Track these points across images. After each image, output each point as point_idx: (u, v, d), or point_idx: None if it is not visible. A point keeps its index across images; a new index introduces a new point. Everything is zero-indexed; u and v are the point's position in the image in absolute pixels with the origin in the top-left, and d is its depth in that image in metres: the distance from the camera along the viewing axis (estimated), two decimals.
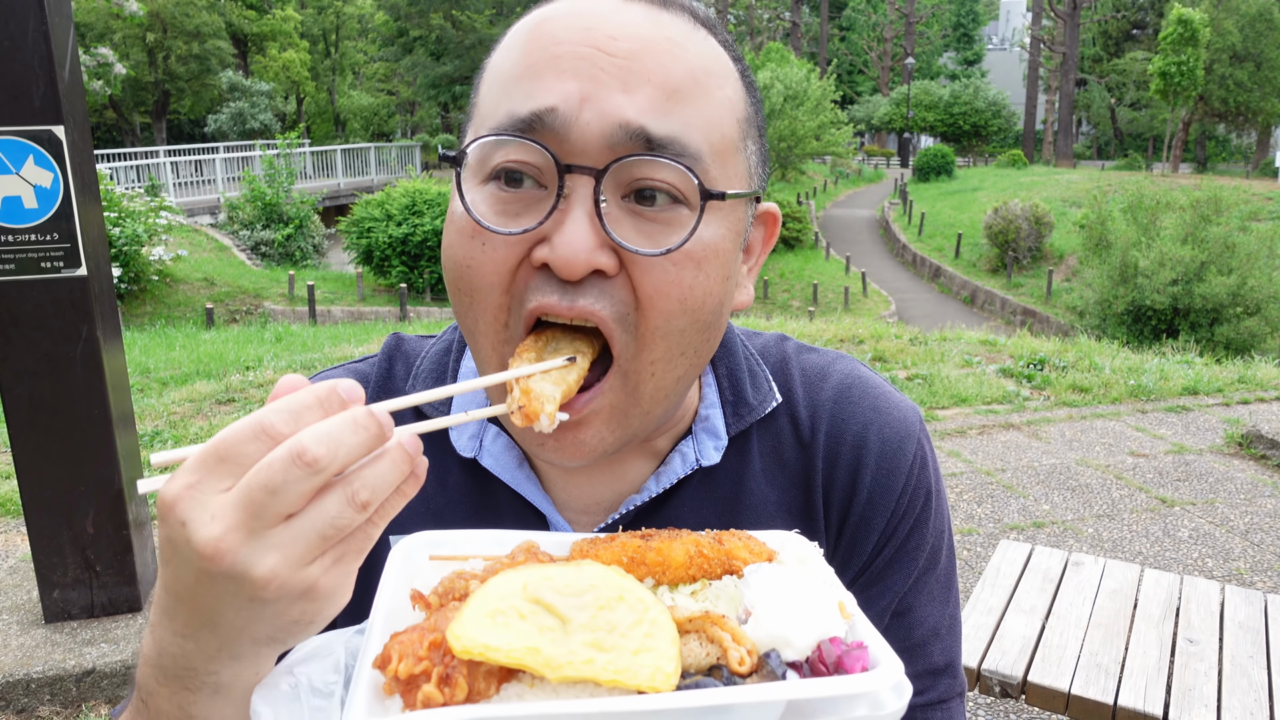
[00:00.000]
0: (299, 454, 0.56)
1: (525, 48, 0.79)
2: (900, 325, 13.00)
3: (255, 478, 0.57)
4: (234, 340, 12.16)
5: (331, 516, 0.59)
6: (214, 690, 0.67)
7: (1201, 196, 18.07)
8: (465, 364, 1.00)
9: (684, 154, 0.75)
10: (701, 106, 0.78)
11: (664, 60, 0.76)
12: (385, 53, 52.16)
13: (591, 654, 0.57)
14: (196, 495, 0.58)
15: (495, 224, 0.76)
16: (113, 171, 25.13)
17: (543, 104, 0.74)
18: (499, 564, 0.69)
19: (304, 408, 0.60)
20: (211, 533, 0.57)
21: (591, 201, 0.74)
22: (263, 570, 0.58)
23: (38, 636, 3.95)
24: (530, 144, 0.74)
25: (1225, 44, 38.76)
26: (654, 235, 0.77)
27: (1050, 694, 2.99)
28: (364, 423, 0.59)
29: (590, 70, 0.74)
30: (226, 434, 0.59)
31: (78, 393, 3.75)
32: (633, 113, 0.74)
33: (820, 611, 0.66)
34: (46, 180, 3.56)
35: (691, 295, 0.78)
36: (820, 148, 37.40)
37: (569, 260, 0.73)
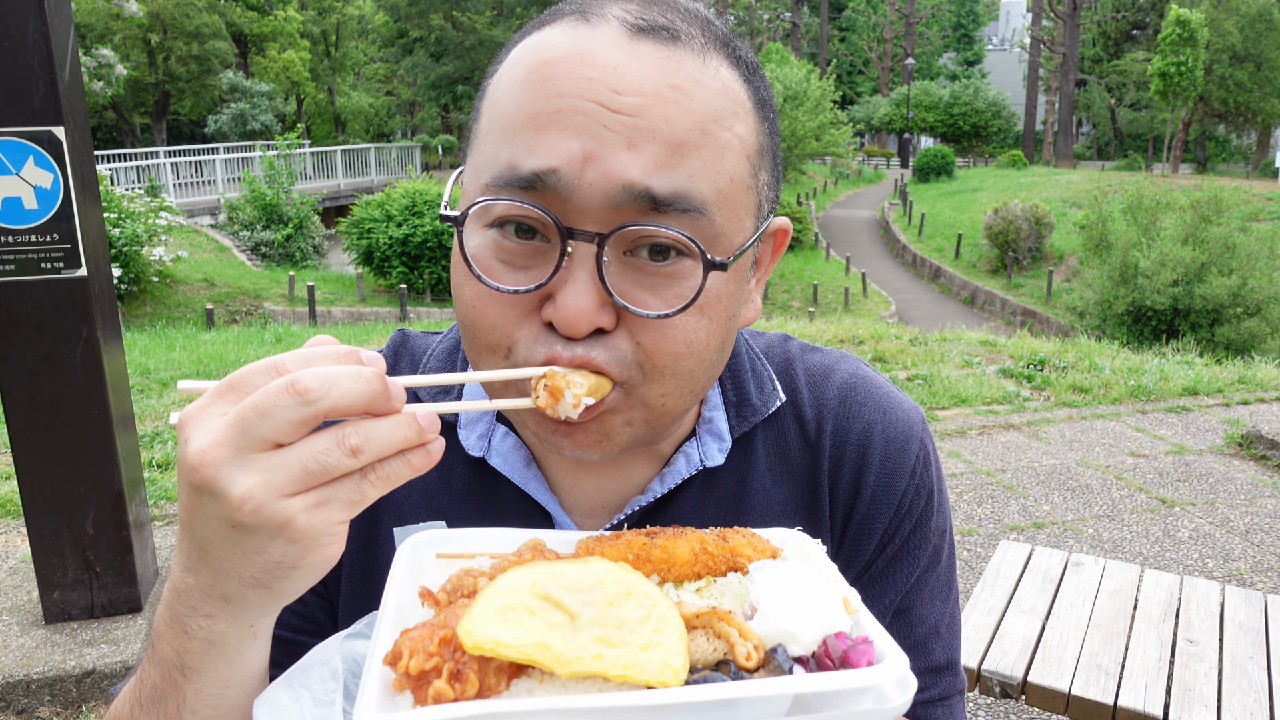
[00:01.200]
0: (292, 382, 0.59)
1: (528, 90, 0.77)
2: (900, 326, 13.01)
3: (250, 399, 0.60)
4: (234, 341, 12.17)
5: (317, 451, 0.61)
6: (208, 641, 0.69)
7: (1201, 197, 18.06)
8: None
9: (690, 209, 0.74)
10: (708, 156, 0.76)
11: (670, 113, 0.74)
12: (385, 53, 52.15)
13: (601, 649, 0.58)
14: (202, 414, 0.63)
15: (501, 279, 0.77)
16: (113, 172, 25.13)
17: (545, 164, 0.73)
18: (507, 561, 0.69)
19: (320, 355, 0.63)
20: (200, 443, 0.61)
21: (594, 262, 0.74)
22: (240, 489, 0.60)
23: (38, 637, 3.95)
24: (534, 209, 0.74)
25: (1225, 44, 38.76)
26: (657, 289, 0.77)
27: (1050, 694, 2.99)
28: (368, 376, 0.61)
29: (593, 128, 0.73)
30: (244, 368, 0.63)
31: (78, 393, 3.76)
32: (636, 173, 0.72)
33: (825, 607, 0.66)
34: (46, 181, 3.56)
35: (694, 341, 0.79)
36: (820, 148, 37.41)
37: (571, 322, 0.74)
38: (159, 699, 0.73)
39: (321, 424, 0.62)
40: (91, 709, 3.73)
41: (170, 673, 0.71)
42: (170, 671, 0.71)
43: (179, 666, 0.71)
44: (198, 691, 0.71)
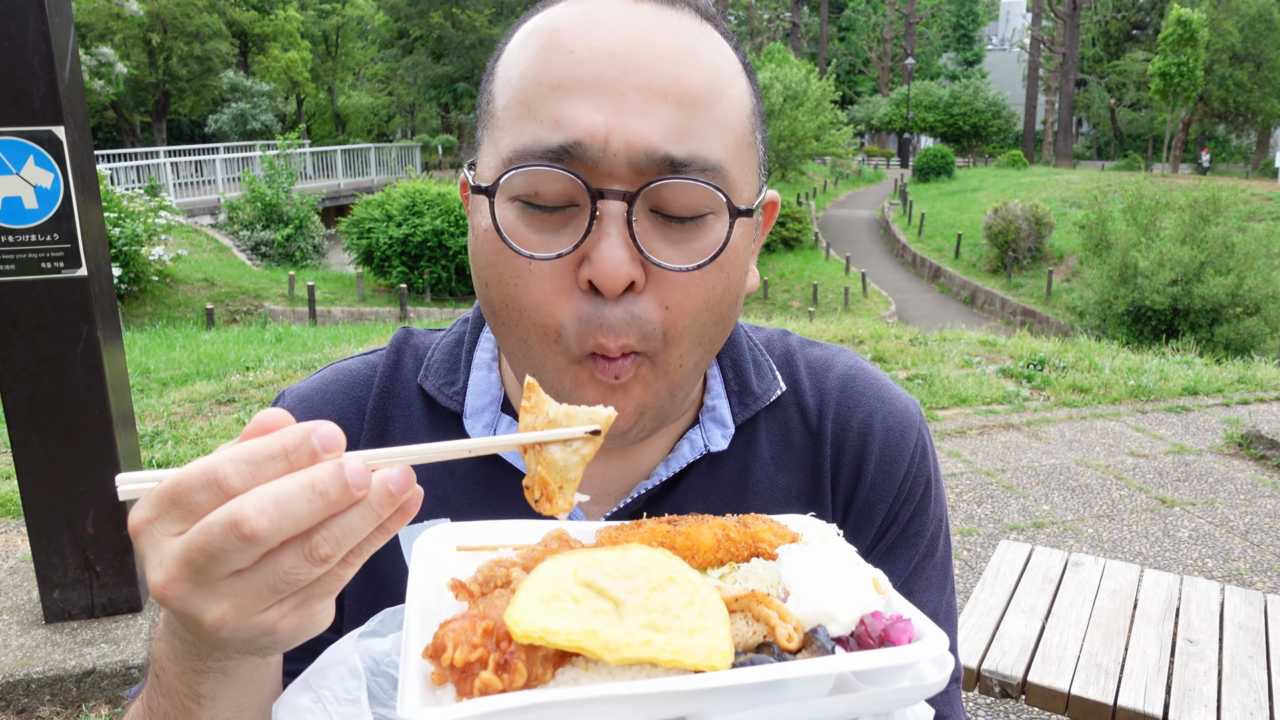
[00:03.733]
0: (236, 524, 0.54)
1: (541, 61, 0.79)
2: (900, 325, 13.01)
3: (195, 539, 0.55)
4: (234, 340, 12.17)
5: (285, 571, 0.57)
6: (220, 673, 0.69)
7: (1200, 197, 18.07)
8: (478, 354, 1.02)
9: (706, 168, 0.79)
10: (717, 114, 0.80)
11: (679, 73, 0.78)
12: (385, 53, 52.17)
13: (649, 635, 0.58)
14: (152, 532, 0.58)
15: (534, 247, 0.79)
16: (113, 172, 25.12)
17: (570, 137, 0.76)
18: (536, 552, 0.69)
19: (266, 458, 0.56)
20: (158, 579, 0.57)
21: (624, 221, 0.77)
22: (211, 618, 0.58)
23: (38, 637, 3.95)
24: (564, 173, 0.77)
25: (1225, 44, 38.76)
26: (681, 245, 0.81)
27: (1050, 694, 2.99)
28: (323, 487, 0.55)
29: (612, 97, 0.76)
30: (182, 475, 0.57)
31: (78, 393, 3.76)
32: (656, 139, 0.76)
33: (857, 588, 0.67)
34: (47, 181, 3.56)
35: (714, 295, 0.83)
36: (820, 148, 37.41)
37: (609, 275, 0.77)
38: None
39: None
40: (91, 709, 3.73)
41: (182, 701, 0.71)
42: (182, 700, 0.71)
43: (192, 696, 0.70)
44: (213, 716, 0.72)
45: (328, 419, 1.00)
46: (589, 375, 0.83)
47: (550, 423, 0.69)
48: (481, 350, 1.02)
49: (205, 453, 5.20)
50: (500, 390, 0.99)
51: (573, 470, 0.69)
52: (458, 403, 0.98)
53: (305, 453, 0.57)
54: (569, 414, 0.69)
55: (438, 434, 0.98)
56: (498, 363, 1.02)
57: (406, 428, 0.99)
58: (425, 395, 1.00)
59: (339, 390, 1.02)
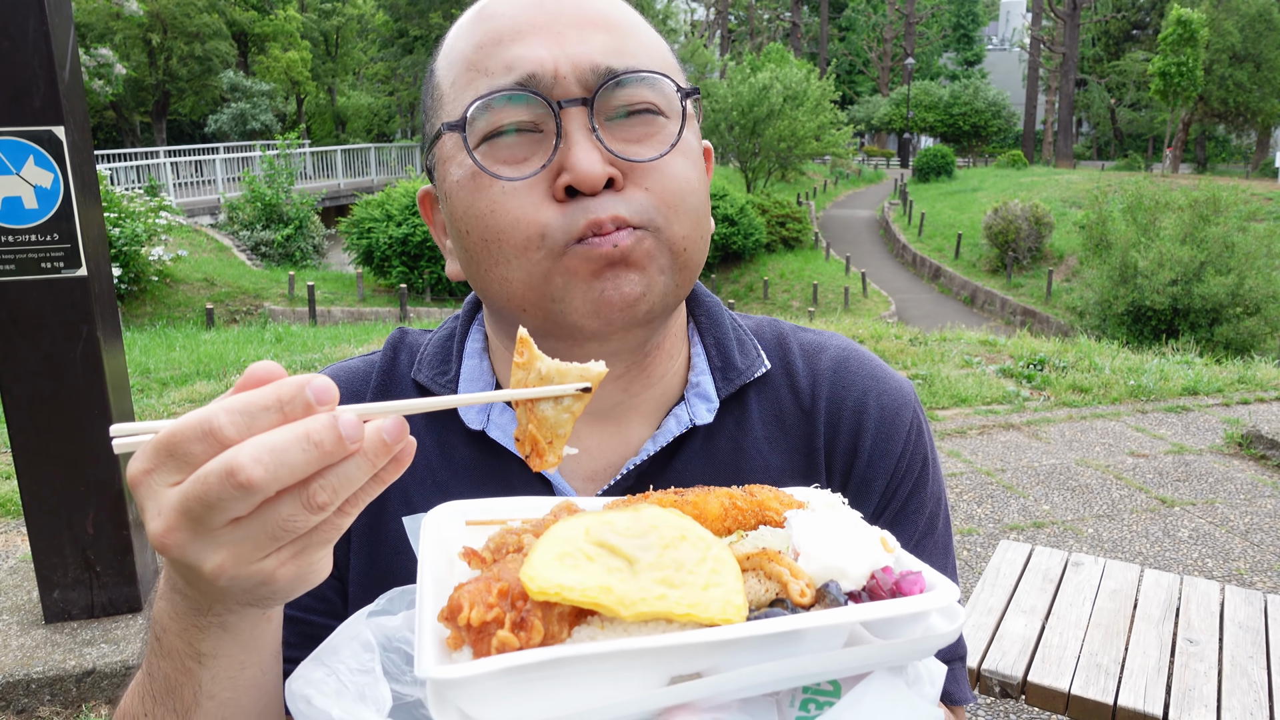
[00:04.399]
0: (232, 472, 0.54)
1: (480, 31, 0.89)
2: (900, 325, 13.01)
3: (192, 488, 0.56)
4: (234, 340, 12.17)
5: (283, 518, 0.58)
6: (220, 628, 0.69)
7: (1200, 196, 18.07)
8: (469, 345, 1.06)
9: (646, 79, 0.88)
10: (642, 39, 0.91)
11: (602, 8, 0.90)
12: (385, 53, 52.15)
13: (663, 590, 0.58)
14: (150, 483, 0.59)
15: (510, 173, 0.85)
16: (112, 172, 25.11)
17: (524, 72, 0.85)
18: (546, 520, 0.69)
19: (260, 409, 0.57)
20: (157, 527, 0.58)
21: (589, 129, 0.85)
22: (210, 566, 0.59)
23: (38, 637, 3.96)
24: (526, 96, 0.85)
25: (1225, 44, 38.75)
26: (644, 142, 0.88)
27: (1050, 694, 2.99)
28: (318, 438, 0.56)
29: (550, 34, 0.86)
30: (178, 426, 0.57)
31: (78, 393, 3.76)
32: (598, 56, 0.86)
33: (866, 545, 0.67)
34: (47, 181, 3.56)
35: (689, 179, 0.90)
36: (820, 148, 37.36)
37: (588, 175, 0.82)
38: (173, 689, 0.74)
39: None
40: (91, 708, 3.73)
41: (183, 661, 0.72)
42: (183, 660, 0.72)
43: (193, 654, 0.71)
44: (214, 676, 0.72)
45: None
46: (579, 259, 0.84)
47: (541, 379, 0.69)
48: (472, 341, 1.06)
49: None
50: (491, 377, 1.03)
51: (563, 426, 0.70)
52: (451, 390, 1.02)
53: (299, 404, 0.57)
54: (560, 370, 0.69)
55: (433, 422, 1.02)
56: (488, 352, 1.05)
57: None
58: (420, 387, 1.04)
59: (340, 386, 1.04)
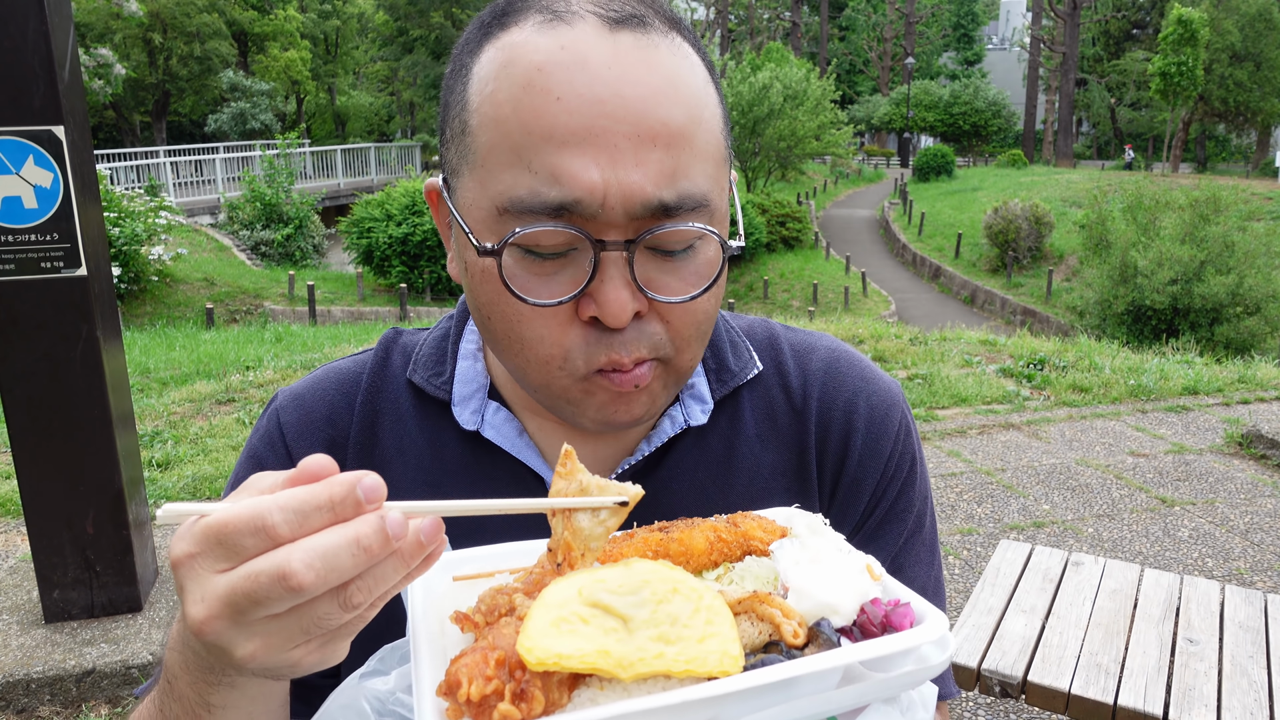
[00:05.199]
0: (285, 576, 0.56)
1: (528, 109, 0.79)
2: (900, 325, 13.00)
3: (241, 584, 0.58)
4: (234, 340, 12.17)
5: (319, 616, 0.60)
6: (231, 686, 0.70)
7: (1200, 196, 18.07)
8: (463, 345, 1.06)
9: (695, 206, 0.83)
10: (699, 146, 0.83)
11: (664, 114, 0.80)
12: (385, 52, 52.14)
13: (660, 648, 0.58)
14: (194, 568, 0.60)
15: (536, 292, 0.82)
16: (112, 171, 25.11)
17: (570, 195, 0.78)
18: (535, 574, 0.69)
19: (314, 509, 0.58)
20: (198, 613, 0.59)
21: (625, 264, 0.82)
22: (242, 653, 0.60)
23: (38, 636, 3.96)
24: (570, 229, 0.79)
25: (1225, 44, 38.73)
26: (678, 272, 0.85)
27: (1050, 694, 2.99)
28: (367, 543, 0.58)
29: (605, 149, 0.78)
30: (229, 517, 0.59)
31: (78, 393, 3.76)
32: (650, 188, 0.80)
33: (853, 576, 0.68)
34: (46, 180, 3.56)
35: (710, 310, 0.90)
36: (820, 148, 37.34)
37: (615, 315, 0.81)
38: None
39: None
40: (91, 708, 3.73)
41: (193, 708, 0.73)
42: (193, 707, 0.73)
43: (202, 704, 0.72)
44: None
45: (319, 414, 1.03)
46: (598, 387, 0.87)
47: (582, 490, 0.69)
48: (467, 341, 1.06)
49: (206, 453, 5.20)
50: (486, 378, 1.03)
51: (596, 540, 0.70)
52: (445, 391, 1.02)
53: (350, 504, 0.59)
54: (601, 485, 0.70)
55: (426, 422, 1.02)
56: (483, 353, 1.05)
57: (395, 419, 1.03)
58: (414, 387, 1.04)
59: (330, 387, 1.06)
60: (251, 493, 0.62)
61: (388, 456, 1.01)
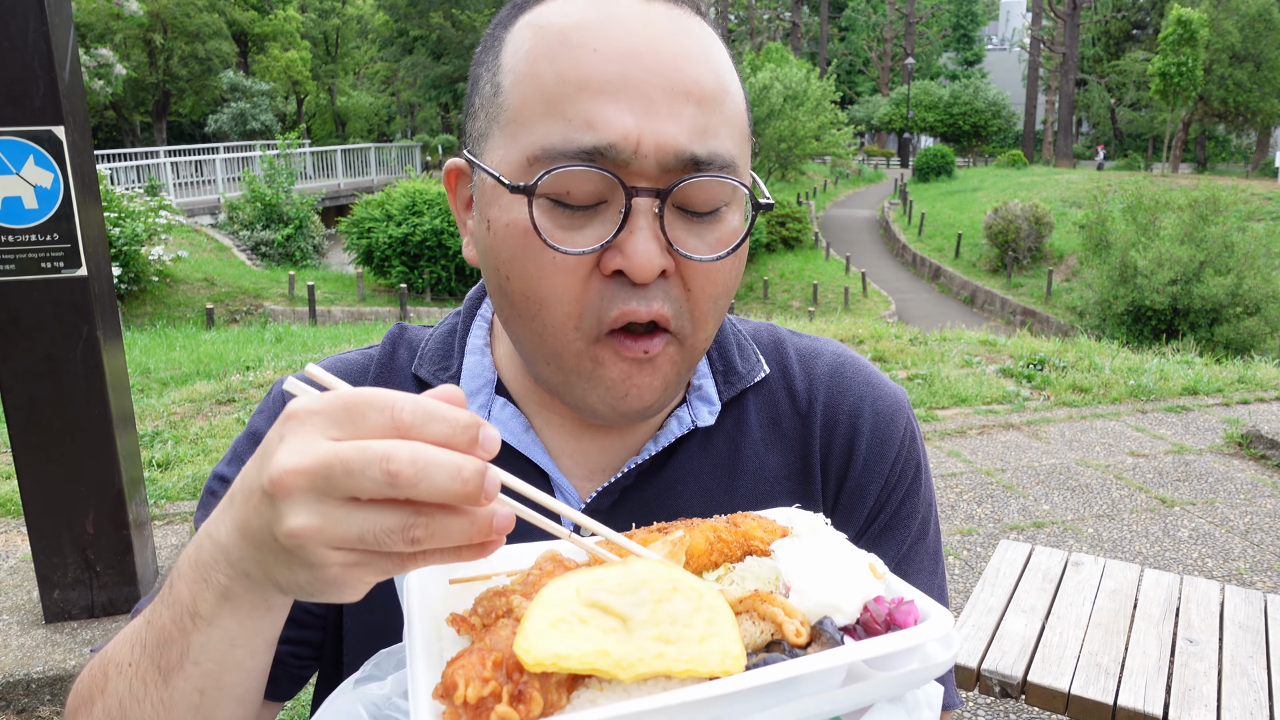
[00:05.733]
0: (387, 459, 0.57)
1: (566, 60, 0.81)
2: (900, 325, 13.00)
3: (345, 451, 0.58)
4: (234, 340, 12.17)
5: (378, 528, 0.59)
6: (222, 594, 0.69)
7: (1200, 196, 18.06)
8: (471, 341, 1.05)
9: (724, 165, 0.84)
10: (727, 111, 0.85)
11: (696, 72, 0.82)
12: (385, 53, 52.16)
13: (661, 648, 0.57)
14: (309, 424, 0.60)
15: (563, 242, 0.82)
16: (113, 172, 25.10)
17: (604, 139, 0.79)
18: (533, 575, 0.68)
19: (437, 418, 0.59)
20: (289, 461, 0.59)
21: (655, 216, 0.82)
22: (294, 523, 0.59)
23: (38, 636, 3.96)
24: (600, 172, 0.80)
25: (1225, 44, 38.72)
26: (704, 235, 0.86)
27: (1050, 694, 2.99)
28: (466, 474, 0.58)
29: (640, 99, 0.80)
30: (365, 390, 0.61)
31: (78, 393, 3.76)
32: (683, 139, 0.81)
33: (856, 575, 0.67)
34: (46, 180, 3.56)
35: (730, 281, 0.90)
36: (820, 148, 37.38)
37: (643, 267, 0.81)
38: (165, 643, 0.73)
39: None
40: None
41: (181, 616, 0.72)
42: (182, 615, 0.72)
43: (191, 612, 0.71)
44: (204, 643, 0.71)
45: None
46: (611, 352, 0.86)
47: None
48: (474, 337, 1.06)
49: (206, 453, 5.19)
50: (493, 373, 1.03)
51: None
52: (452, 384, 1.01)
53: (469, 435, 0.59)
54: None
55: None
56: (490, 348, 1.05)
57: None
58: (420, 382, 1.04)
59: (337, 375, 1.04)
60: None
61: None
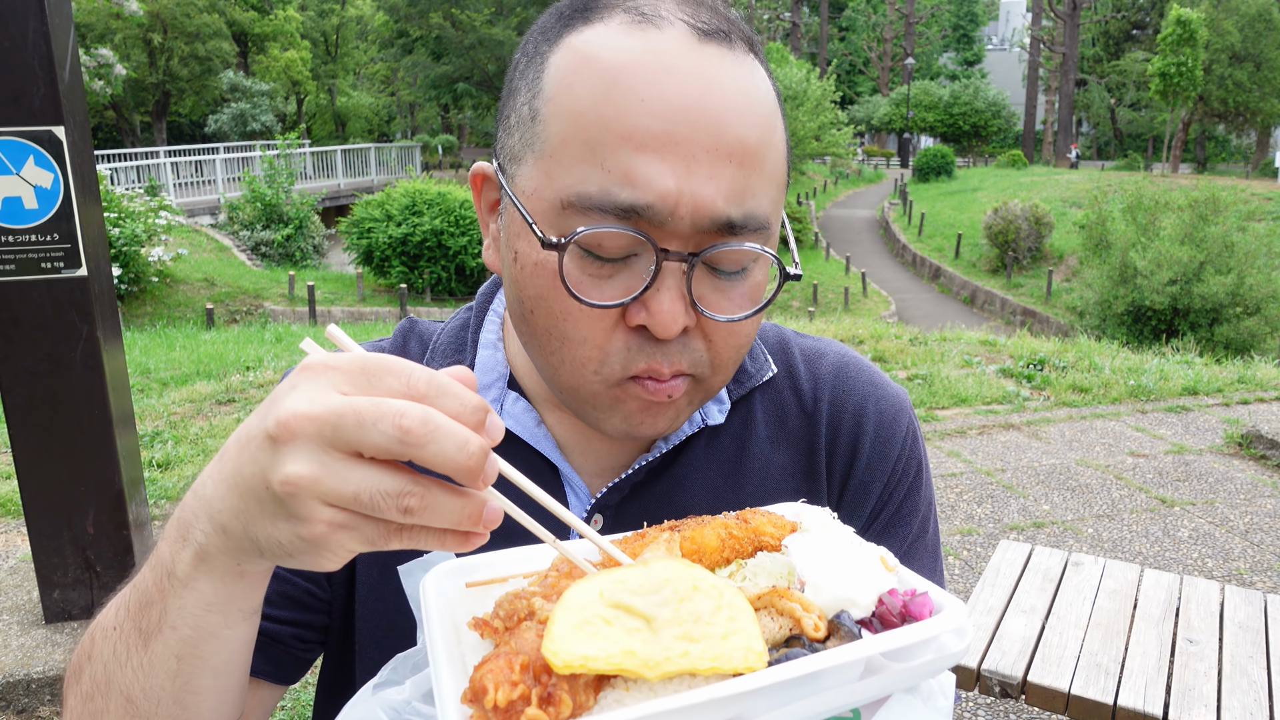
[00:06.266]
0: (400, 414, 0.57)
1: (610, 106, 0.78)
2: (900, 325, 13.00)
3: (359, 403, 0.58)
4: (234, 340, 12.16)
5: (376, 491, 0.59)
6: (199, 555, 0.68)
7: (1199, 196, 18.06)
8: (484, 335, 1.06)
9: (758, 227, 0.83)
10: (768, 169, 0.83)
11: (742, 131, 0.80)
12: (385, 53, 52.13)
13: (685, 646, 0.58)
14: (325, 376, 0.61)
15: (590, 292, 0.81)
16: (113, 172, 25.09)
17: (642, 199, 0.77)
18: (551, 577, 0.69)
19: (450, 393, 0.60)
20: (295, 407, 0.59)
21: (683, 277, 0.81)
22: (291, 469, 0.59)
23: (38, 636, 3.96)
24: (634, 234, 0.79)
25: (1224, 44, 38.71)
26: (729, 292, 0.86)
27: (1050, 694, 2.99)
28: (471, 449, 0.59)
29: (683, 159, 0.77)
30: (384, 356, 0.61)
31: (78, 393, 3.75)
32: (721, 204, 0.79)
33: (869, 568, 0.68)
34: (47, 181, 3.56)
35: (751, 334, 0.91)
36: (820, 148, 37.38)
37: (666, 326, 0.81)
38: (146, 605, 0.73)
39: None
40: None
41: (161, 578, 0.71)
42: (161, 577, 0.71)
43: (170, 573, 0.70)
44: (180, 606, 0.71)
45: None
46: (630, 394, 0.87)
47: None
48: (487, 331, 1.06)
49: (206, 453, 5.19)
50: (506, 368, 1.03)
51: None
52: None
53: (476, 414, 0.60)
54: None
55: None
56: (502, 343, 1.05)
57: None
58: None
59: None
60: None
61: None
